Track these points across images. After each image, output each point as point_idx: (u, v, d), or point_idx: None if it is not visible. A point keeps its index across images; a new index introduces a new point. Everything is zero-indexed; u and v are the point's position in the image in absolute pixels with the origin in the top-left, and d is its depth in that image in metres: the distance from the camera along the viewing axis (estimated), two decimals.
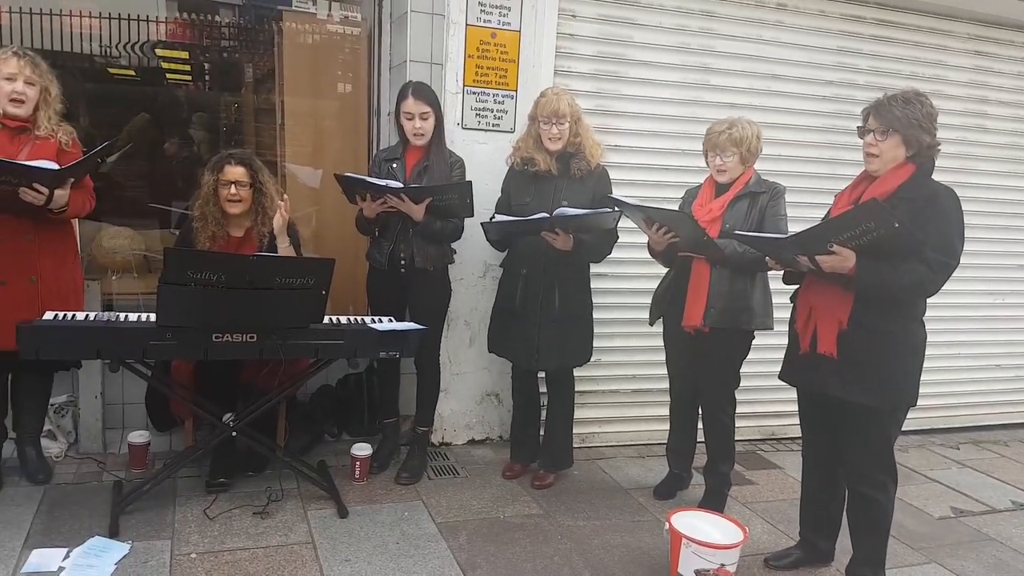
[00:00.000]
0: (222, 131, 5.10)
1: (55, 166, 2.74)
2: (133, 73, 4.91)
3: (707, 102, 3.94)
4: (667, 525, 2.66)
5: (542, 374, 3.48)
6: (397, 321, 3.15)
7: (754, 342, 3.15)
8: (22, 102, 2.81)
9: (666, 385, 3.42)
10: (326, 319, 2.94)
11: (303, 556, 2.74)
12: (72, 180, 2.83)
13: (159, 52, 4.72)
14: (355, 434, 3.80)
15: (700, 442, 3.39)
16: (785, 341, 2.75)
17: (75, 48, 4.40)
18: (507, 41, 3.63)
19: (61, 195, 2.77)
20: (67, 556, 2.61)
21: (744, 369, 3.20)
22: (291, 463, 3.21)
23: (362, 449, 3.37)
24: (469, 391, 3.87)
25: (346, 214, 3.42)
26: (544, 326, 3.21)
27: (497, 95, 3.64)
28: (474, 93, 3.60)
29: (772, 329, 3.08)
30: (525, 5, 3.60)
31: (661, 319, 3.26)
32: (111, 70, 4.82)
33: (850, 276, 2.39)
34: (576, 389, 3.52)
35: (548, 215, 3.00)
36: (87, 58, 4.57)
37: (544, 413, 3.55)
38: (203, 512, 2.98)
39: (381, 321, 3.09)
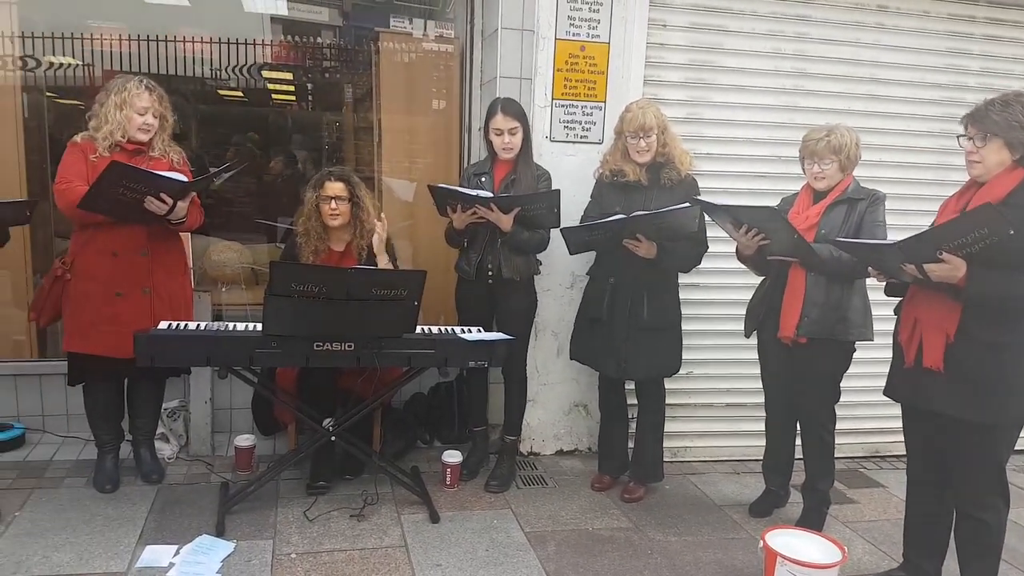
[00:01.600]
0: (324, 149, 5.32)
1: (184, 178, 2.94)
2: (241, 94, 5.20)
3: (803, 108, 3.82)
4: (762, 543, 2.58)
5: (631, 385, 3.45)
6: (485, 331, 3.20)
7: (856, 354, 3.03)
8: (149, 131, 3.02)
9: (762, 399, 3.32)
10: (418, 329, 3.02)
11: (396, 559, 2.81)
12: (193, 194, 3.02)
13: (265, 74, 4.96)
14: (446, 441, 3.88)
15: (798, 459, 3.28)
16: (890, 354, 2.63)
17: (188, 72, 4.68)
18: (596, 53, 3.64)
19: (182, 207, 2.95)
20: (177, 553, 2.77)
21: (845, 383, 3.08)
22: (386, 468, 3.31)
23: (453, 456, 3.43)
24: (557, 401, 3.87)
25: (437, 227, 3.50)
26: (632, 335, 3.18)
27: (585, 107, 3.65)
28: (562, 106, 3.63)
29: (871, 340, 2.96)
30: (615, 17, 3.61)
31: (756, 330, 3.18)
32: (221, 92, 5.11)
33: (959, 287, 2.27)
34: (667, 402, 3.47)
35: (624, 215, 2.98)
36: (199, 81, 4.87)
37: (633, 425, 3.52)
38: (303, 513, 3.10)
39: (470, 331, 3.15)
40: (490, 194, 3.14)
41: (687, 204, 2.99)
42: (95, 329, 3.00)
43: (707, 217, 3.12)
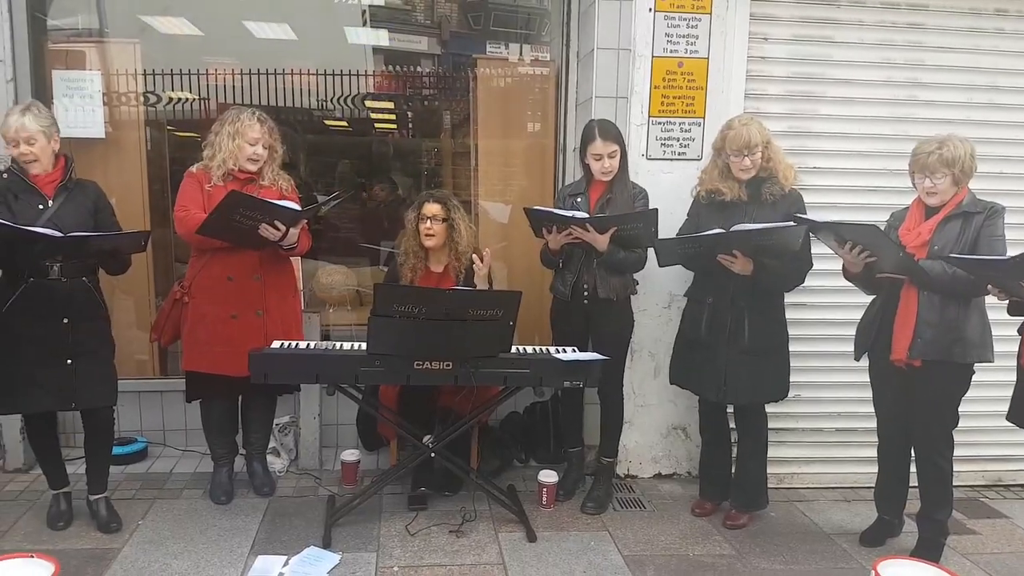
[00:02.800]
0: (423, 175, 5.47)
1: (295, 206, 3.09)
2: (345, 124, 5.41)
3: (916, 118, 3.64)
4: (873, 574, 2.45)
5: (731, 408, 3.36)
6: (580, 352, 3.19)
7: (976, 376, 2.84)
8: (258, 161, 3.19)
9: (874, 424, 3.16)
10: (514, 349, 3.05)
11: None
12: (304, 221, 3.16)
13: (368, 104, 5.16)
14: (542, 461, 3.87)
15: (913, 486, 3.10)
16: (1014, 376, 2.46)
17: (296, 103, 4.92)
18: (694, 69, 3.60)
19: (294, 233, 3.09)
20: (286, 563, 2.87)
21: (964, 407, 2.89)
22: (483, 485, 3.34)
23: (549, 476, 3.42)
24: (654, 424, 3.81)
25: (532, 249, 3.53)
26: (733, 358, 3.09)
27: (684, 123, 3.62)
28: (659, 123, 3.61)
29: (992, 361, 2.77)
30: (714, 32, 3.56)
31: (867, 352, 3.04)
32: (327, 122, 5.34)
33: None
34: (772, 426, 3.35)
35: (723, 231, 2.91)
36: (306, 112, 5.11)
37: (735, 450, 3.41)
38: (405, 528, 3.16)
39: (565, 351, 3.15)
40: (585, 215, 3.14)
41: (792, 223, 2.90)
42: (211, 349, 3.18)
43: (812, 234, 3.00)
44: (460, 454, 3.38)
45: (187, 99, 4.49)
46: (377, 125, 5.54)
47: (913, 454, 3.05)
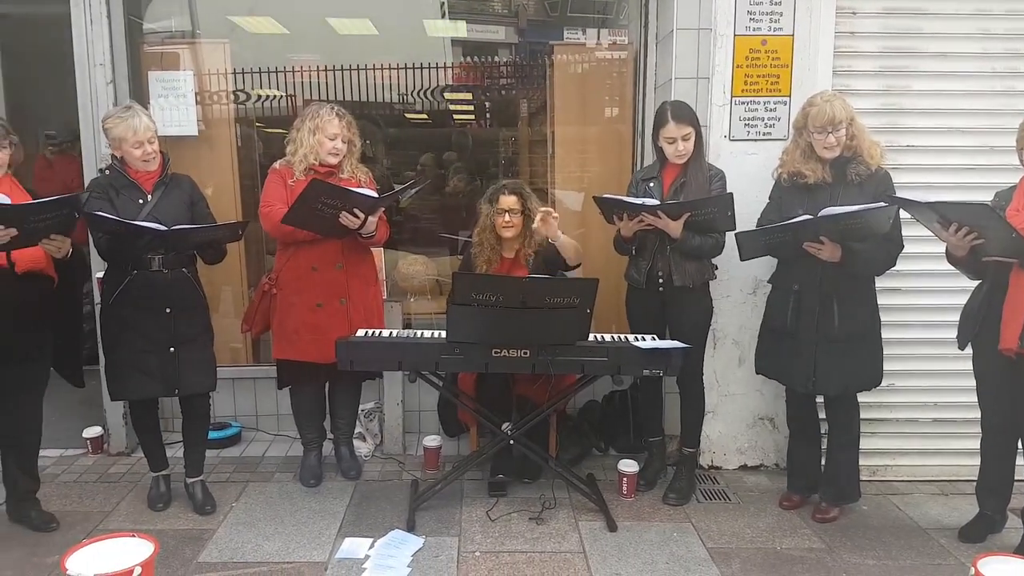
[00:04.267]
0: (500, 164, 5.48)
1: (373, 193, 3.16)
2: (425, 116, 5.48)
3: (1019, 91, 3.42)
4: (972, 571, 2.31)
5: (820, 398, 3.23)
6: (659, 339, 3.13)
7: None
8: (337, 155, 3.27)
9: (975, 414, 2.99)
10: (591, 337, 3.03)
11: (575, 565, 2.82)
12: (382, 209, 3.23)
13: (447, 96, 5.21)
14: (621, 450, 3.84)
15: (1019, 480, 2.93)
16: None
17: (377, 98, 5.01)
18: (779, 47, 3.47)
19: (372, 221, 3.16)
20: (372, 545, 2.95)
21: None
22: (563, 474, 3.33)
23: (629, 466, 3.39)
24: (739, 414, 3.71)
25: (609, 235, 3.49)
26: (822, 346, 2.96)
27: (768, 102, 3.49)
28: (743, 103, 3.50)
29: None
30: (799, 8, 3.42)
31: (972, 341, 2.86)
32: (407, 115, 5.42)
33: None
34: (866, 416, 3.22)
35: (809, 217, 2.79)
36: (387, 106, 5.20)
37: (825, 441, 3.29)
38: (486, 513, 3.20)
39: (644, 339, 3.10)
40: (656, 202, 3.07)
41: (883, 204, 2.75)
42: (299, 337, 3.29)
43: (903, 213, 2.84)
44: (538, 442, 3.39)
45: (274, 96, 4.64)
46: (456, 116, 5.59)
47: (1021, 447, 2.87)
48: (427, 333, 3.15)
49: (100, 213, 2.82)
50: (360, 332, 3.15)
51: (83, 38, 3.63)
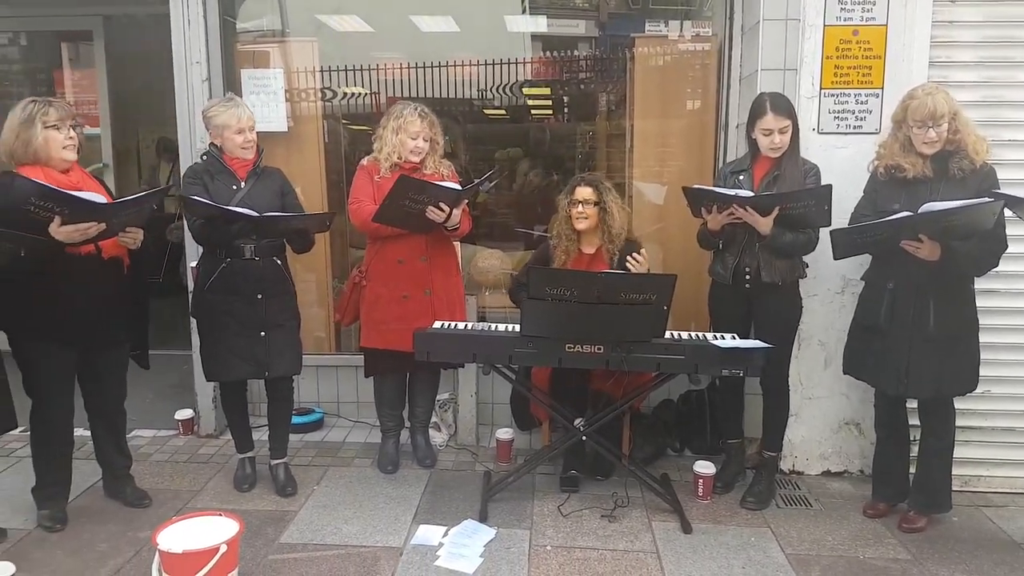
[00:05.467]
0: (577, 159, 5.46)
1: (456, 186, 3.21)
2: (503, 112, 5.51)
3: None
4: None
5: (913, 404, 3.09)
6: (741, 338, 3.06)
7: None
8: (420, 154, 3.34)
9: None
10: (668, 334, 2.98)
11: (648, 564, 2.79)
12: (466, 201, 3.27)
13: (525, 91, 5.22)
14: (697, 451, 3.77)
15: None
16: None
17: (457, 94, 5.07)
18: (871, 37, 3.33)
19: (456, 214, 3.22)
20: (446, 534, 3.00)
21: None
22: (636, 472, 3.30)
23: (706, 467, 3.32)
24: (824, 417, 3.58)
25: (689, 230, 3.43)
26: (916, 347, 2.83)
27: (859, 95, 3.36)
28: (832, 95, 3.37)
29: None
30: None
31: None
32: (486, 111, 5.46)
33: None
34: (957, 424, 3.05)
35: (908, 214, 2.66)
36: (467, 102, 5.25)
37: (915, 448, 3.14)
38: (557, 508, 3.20)
39: (724, 338, 3.03)
40: (750, 193, 2.99)
41: (989, 200, 2.60)
42: (386, 327, 3.38)
43: (1007, 212, 2.68)
44: (611, 439, 3.37)
45: (359, 93, 4.75)
46: (534, 112, 5.59)
47: None
48: (502, 327, 3.16)
49: (196, 198, 2.96)
50: (437, 324, 3.20)
51: (181, 37, 3.81)
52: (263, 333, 3.17)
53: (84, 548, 2.87)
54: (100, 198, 2.67)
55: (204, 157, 3.18)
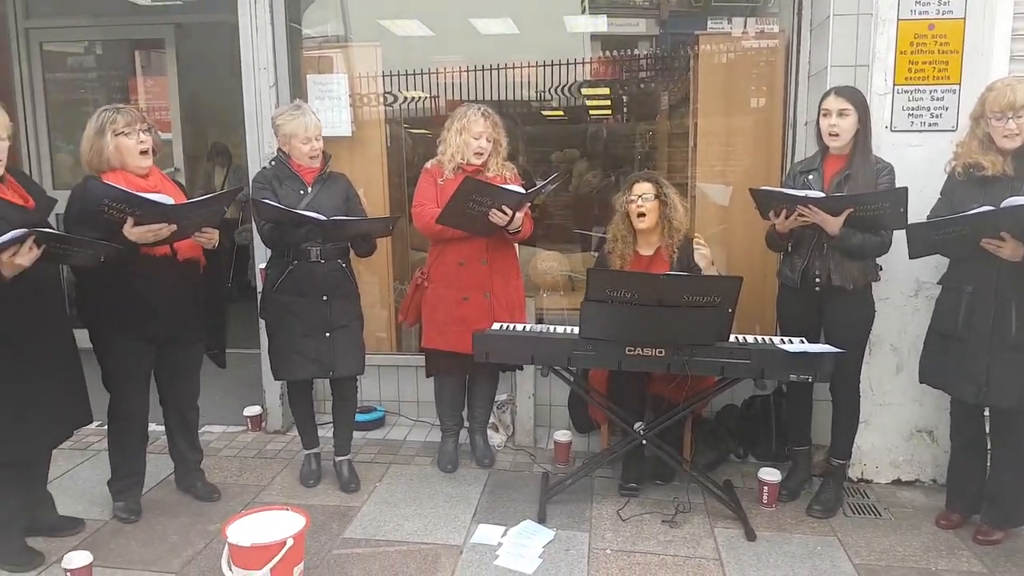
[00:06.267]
0: (636, 159, 5.41)
1: (520, 189, 3.22)
2: (561, 113, 5.50)
3: None
4: None
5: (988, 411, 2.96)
6: (810, 343, 2.98)
7: None
8: (482, 155, 3.36)
9: None
10: (732, 337, 2.92)
11: (710, 571, 2.75)
12: (528, 204, 3.28)
13: (584, 91, 5.20)
14: (762, 458, 3.68)
15: None
16: None
17: (516, 96, 5.08)
18: (948, 31, 3.21)
19: (519, 217, 3.23)
20: (505, 534, 3.01)
21: None
22: (698, 478, 3.24)
23: (771, 474, 3.25)
24: (895, 425, 3.46)
25: (754, 231, 3.36)
26: (996, 353, 2.71)
27: (935, 91, 3.24)
28: (906, 92, 3.26)
29: None
30: None
31: None
32: (544, 112, 5.46)
33: None
34: None
35: (991, 208, 2.54)
36: (525, 104, 5.26)
37: (991, 457, 3.01)
38: (616, 512, 3.17)
39: (791, 342, 2.96)
40: (820, 194, 2.91)
41: None
42: (447, 328, 3.42)
43: None
44: (672, 443, 3.32)
45: (420, 97, 4.80)
46: (592, 112, 5.57)
47: None
48: (560, 329, 3.15)
49: (267, 201, 3.04)
50: (496, 326, 3.21)
51: (249, 44, 3.91)
52: (328, 334, 3.23)
53: (157, 539, 2.98)
54: (169, 199, 2.76)
55: (272, 163, 3.26)
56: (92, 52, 6.04)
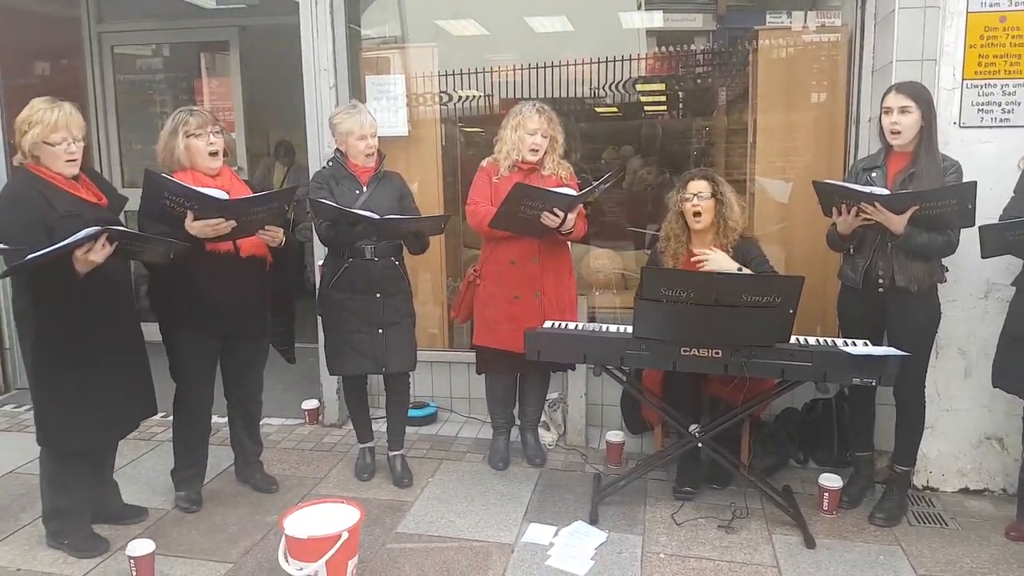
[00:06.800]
0: (692, 155, 5.33)
1: (573, 192, 3.21)
2: (616, 110, 5.45)
3: None
4: None
5: None
6: (872, 345, 2.88)
7: None
8: (538, 151, 3.35)
9: None
10: (792, 339, 2.85)
11: None
12: (580, 206, 3.27)
13: (639, 87, 5.14)
14: (822, 463, 3.59)
15: None
16: None
17: (569, 93, 5.05)
18: (1021, 23, 3.07)
19: (571, 219, 3.21)
20: (556, 533, 3.00)
21: None
22: (756, 483, 3.18)
23: (832, 480, 3.16)
24: (963, 431, 3.33)
25: (816, 228, 3.27)
26: None
27: (1007, 85, 3.10)
28: (976, 86, 3.13)
29: None
30: None
31: None
32: (597, 109, 5.42)
33: None
34: None
35: None
36: (579, 101, 5.21)
37: None
38: (671, 516, 3.13)
39: (854, 344, 2.87)
40: (885, 191, 2.82)
41: None
42: (498, 326, 3.43)
43: None
44: (729, 447, 3.25)
45: (474, 96, 4.82)
46: (647, 108, 5.50)
47: None
48: (612, 327, 3.13)
49: (323, 200, 3.09)
50: (548, 324, 3.20)
51: (310, 46, 3.99)
52: (380, 330, 3.28)
53: (216, 529, 3.07)
54: (223, 195, 2.83)
55: (330, 163, 3.32)
56: (160, 54, 6.25)
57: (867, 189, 2.81)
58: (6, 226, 2.54)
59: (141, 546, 2.65)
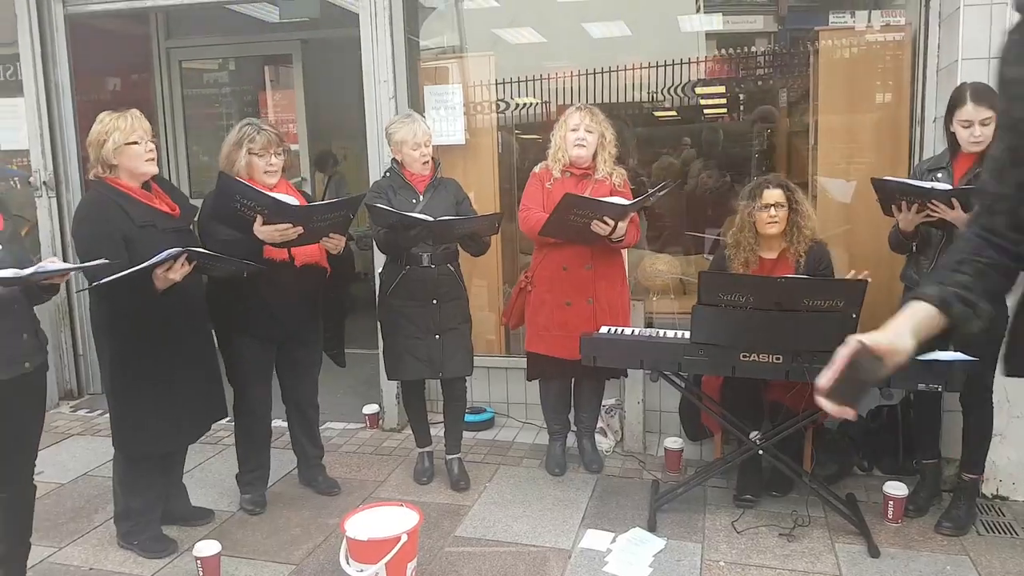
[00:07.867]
0: (753, 158, 5.25)
1: (623, 201, 3.21)
2: (675, 113, 5.41)
3: None
4: None
5: None
6: (940, 350, 2.80)
7: None
8: (584, 146, 3.36)
9: None
10: None
11: None
12: (632, 214, 3.26)
13: (698, 91, 5.09)
14: (887, 471, 3.49)
15: None
16: None
17: (627, 98, 5.03)
18: None
19: (622, 227, 3.22)
20: (614, 540, 2.99)
21: None
22: (818, 491, 3.11)
23: (897, 488, 3.08)
24: None
25: (879, 231, 3.19)
26: None
27: None
28: None
29: None
30: None
31: None
32: (656, 113, 5.39)
33: None
34: None
35: None
36: (636, 105, 5.19)
37: None
38: (731, 524, 3.09)
39: None
40: (947, 186, 2.74)
41: None
42: (549, 333, 3.44)
43: None
44: (791, 454, 3.19)
45: (531, 104, 4.85)
46: (706, 111, 5.44)
47: None
48: (670, 333, 3.11)
49: (378, 205, 3.17)
50: (604, 329, 3.20)
51: (370, 58, 4.09)
52: (437, 336, 3.33)
53: (280, 531, 3.16)
54: (295, 201, 2.92)
55: (387, 173, 3.40)
56: (226, 68, 6.49)
57: (928, 184, 2.74)
58: (87, 238, 2.68)
59: (207, 547, 2.74)
